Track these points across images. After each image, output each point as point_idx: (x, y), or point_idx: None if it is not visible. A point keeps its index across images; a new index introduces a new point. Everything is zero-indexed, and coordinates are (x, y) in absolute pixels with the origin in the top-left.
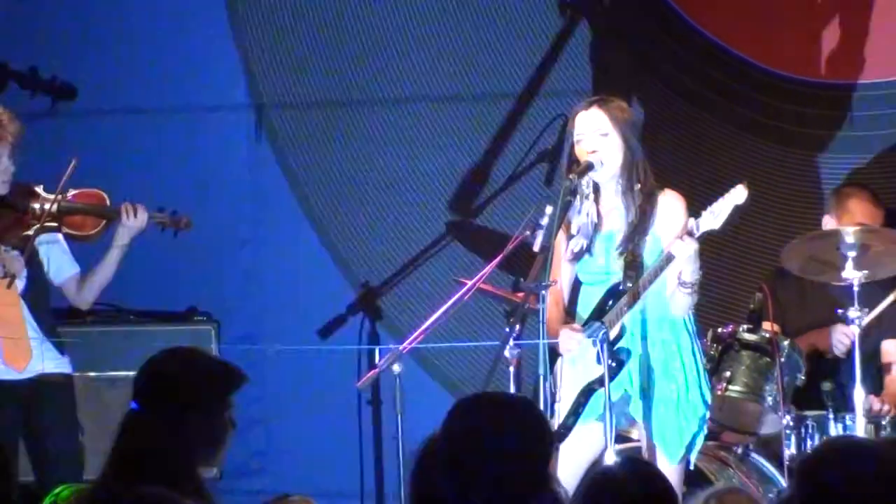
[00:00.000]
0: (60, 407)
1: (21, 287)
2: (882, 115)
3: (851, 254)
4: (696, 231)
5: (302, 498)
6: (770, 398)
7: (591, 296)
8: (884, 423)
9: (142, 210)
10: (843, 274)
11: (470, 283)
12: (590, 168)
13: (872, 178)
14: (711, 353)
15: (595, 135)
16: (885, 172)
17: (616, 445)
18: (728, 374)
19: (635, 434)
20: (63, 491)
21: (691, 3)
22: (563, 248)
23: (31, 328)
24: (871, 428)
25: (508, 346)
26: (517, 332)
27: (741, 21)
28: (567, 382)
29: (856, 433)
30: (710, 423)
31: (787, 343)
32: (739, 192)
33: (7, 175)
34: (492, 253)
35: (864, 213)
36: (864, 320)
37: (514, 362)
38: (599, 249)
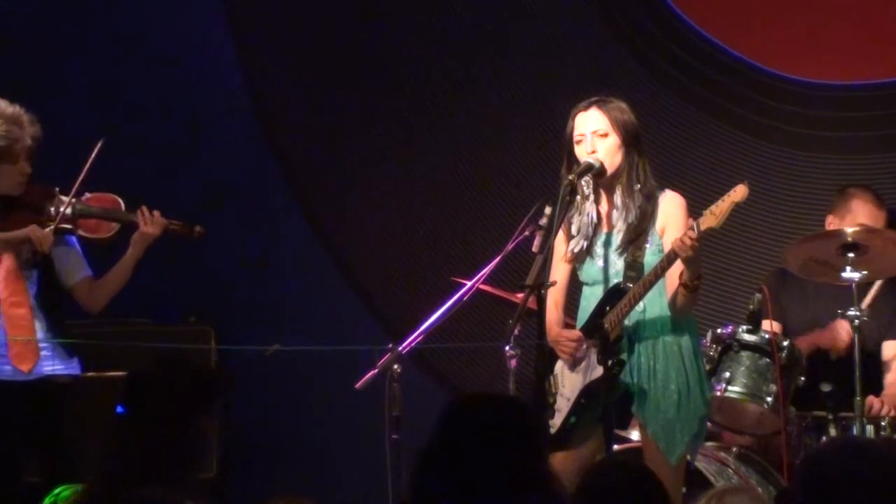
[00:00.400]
0: (66, 409)
1: (33, 288)
2: (882, 115)
3: (851, 254)
4: (696, 231)
5: (301, 498)
6: (770, 399)
7: (591, 297)
8: (883, 425)
9: (158, 217)
10: (843, 274)
11: (468, 283)
12: (589, 168)
13: (872, 179)
14: (711, 353)
15: (594, 135)
16: (886, 173)
17: (616, 445)
18: (728, 374)
19: (635, 434)
20: (63, 491)
21: (691, 4)
22: (563, 248)
23: (41, 329)
24: (870, 429)
25: (508, 347)
26: (516, 332)
27: (741, 22)
28: (568, 383)
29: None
30: (709, 424)
31: (786, 344)
32: (740, 192)
33: (23, 177)
34: (491, 253)
35: (867, 213)
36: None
37: (514, 363)
38: (600, 250)
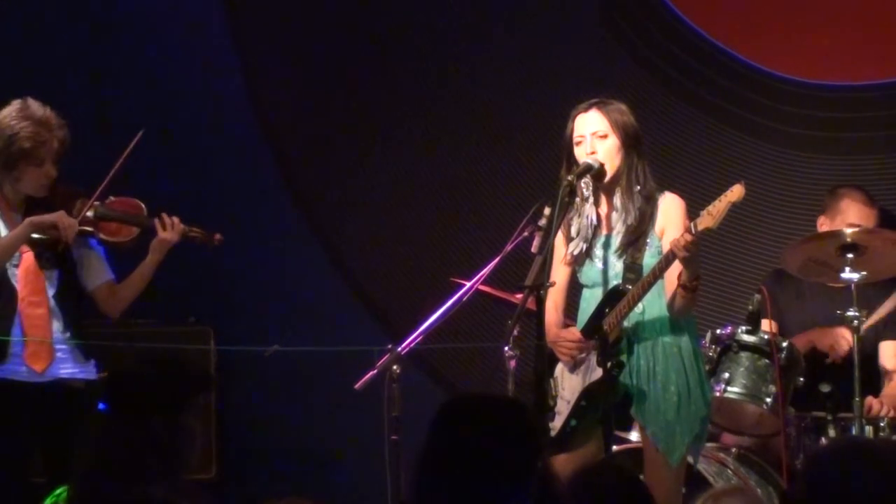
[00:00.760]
0: (76, 412)
1: (52, 288)
2: (882, 116)
3: (850, 255)
4: (693, 231)
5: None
6: (769, 400)
7: (591, 299)
8: (882, 425)
9: (177, 223)
10: (842, 275)
11: (467, 283)
12: (588, 169)
13: (873, 180)
14: (710, 354)
15: (594, 136)
16: (885, 173)
17: (616, 447)
18: (727, 375)
19: (635, 436)
20: (64, 493)
21: (692, 5)
22: (563, 250)
23: (58, 331)
24: (869, 430)
25: (507, 348)
26: (515, 333)
27: (741, 23)
28: (567, 385)
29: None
30: (709, 425)
31: (785, 344)
32: (736, 192)
33: (48, 179)
34: (490, 254)
35: (857, 213)
36: (865, 325)
37: (513, 363)
38: (599, 252)
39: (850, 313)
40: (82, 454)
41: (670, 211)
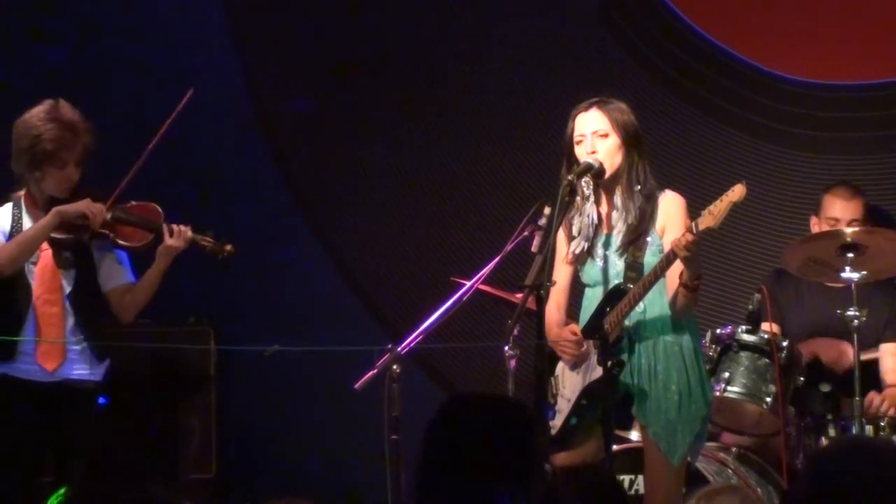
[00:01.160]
0: (85, 413)
1: (68, 287)
2: (882, 116)
3: (850, 254)
4: (694, 231)
5: (300, 499)
6: (769, 399)
7: (592, 298)
8: (882, 425)
9: (185, 231)
10: (842, 275)
11: (467, 283)
12: (588, 168)
13: (872, 179)
14: (710, 353)
15: (595, 136)
16: (885, 173)
17: (616, 447)
18: (727, 375)
19: (635, 435)
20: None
21: (692, 5)
22: (564, 250)
23: (71, 331)
24: (869, 429)
25: (507, 347)
26: (515, 332)
27: (741, 23)
28: (568, 384)
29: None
30: (709, 425)
31: (785, 344)
32: (738, 192)
33: (70, 182)
34: (490, 254)
35: (839, 207)
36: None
37: (513, 363)
38: (600, 251)
39: (850, 313)
40: (82, 454)
41: (670, 209)
